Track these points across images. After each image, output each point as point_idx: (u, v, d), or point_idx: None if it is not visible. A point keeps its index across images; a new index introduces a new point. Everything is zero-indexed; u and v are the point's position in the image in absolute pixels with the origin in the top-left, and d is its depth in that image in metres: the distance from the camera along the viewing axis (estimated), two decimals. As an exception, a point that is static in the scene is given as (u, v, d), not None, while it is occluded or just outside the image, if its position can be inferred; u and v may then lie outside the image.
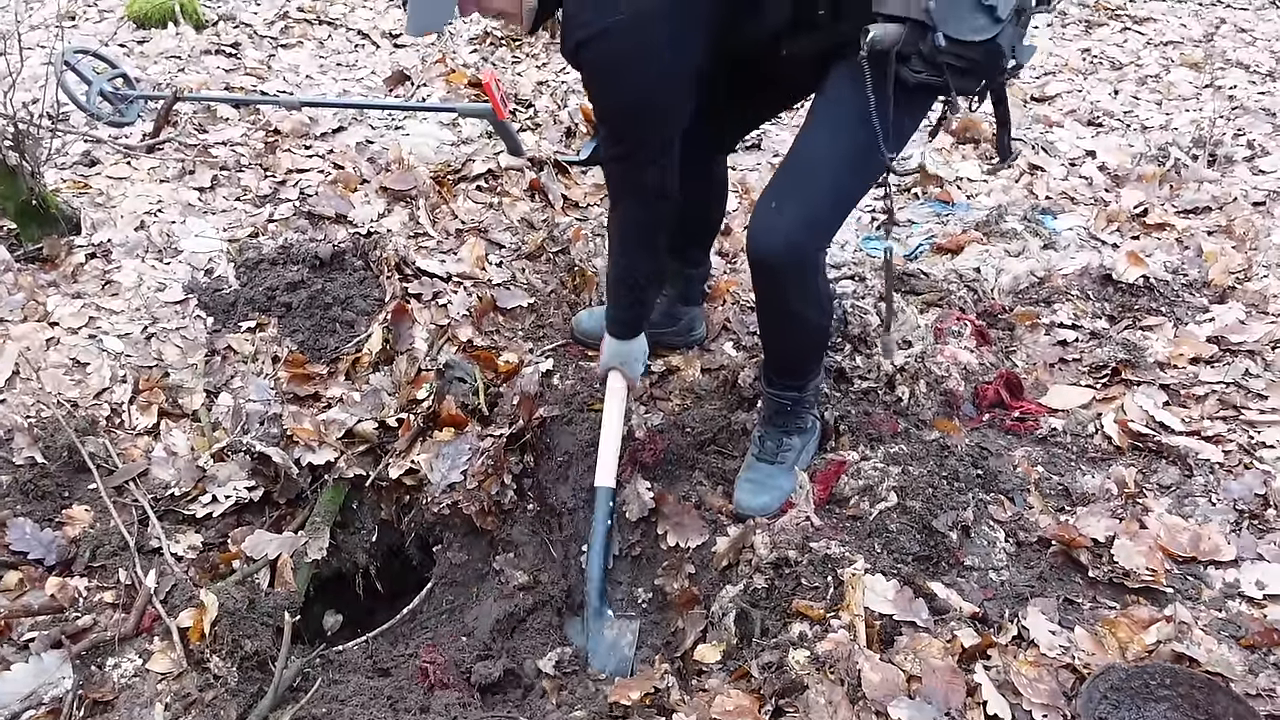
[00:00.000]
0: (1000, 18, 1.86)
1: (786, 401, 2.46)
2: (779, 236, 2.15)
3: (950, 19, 1.85)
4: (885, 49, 1.90)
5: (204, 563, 2.46)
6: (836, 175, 2.14)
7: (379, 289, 3.11)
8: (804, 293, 2.25)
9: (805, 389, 2.46)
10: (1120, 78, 5.07)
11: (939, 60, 1.89)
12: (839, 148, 2.11)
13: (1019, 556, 2.27)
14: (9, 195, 3.15)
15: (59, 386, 2.78)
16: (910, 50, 1.91)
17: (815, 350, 2.48)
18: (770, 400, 2.50)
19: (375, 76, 4.72)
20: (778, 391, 2.47)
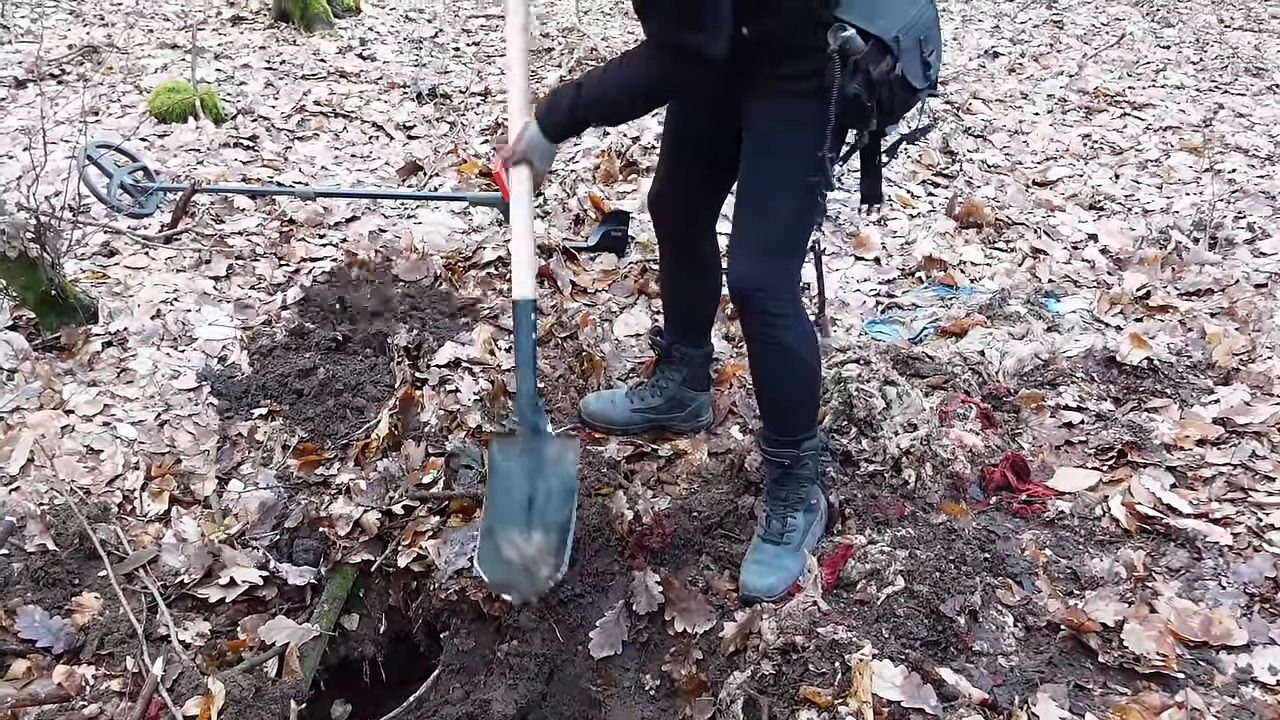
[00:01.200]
0: (930, 78, 2.13)
1: (784, 459, 2.47)
2: (746, 268, 2.29)
3: (906, 57, 2.07)
4: (848, 55, 2.04)
5: (211, 650, 2.46)
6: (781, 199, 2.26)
7: (389, 375, 3.16)
8: (782, 320, 2.32)
9: (801, 446, 2.47)
10: (1121, 162, 5.16)
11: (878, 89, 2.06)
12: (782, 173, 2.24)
13: (1028, 641, 2.25)
14: (29, 286, 3.22)
15: (72, 474, 2.81)
16: (864, 64, 2.05)
17: (805, 394, 2.49)
18: (769, 463, 2.52)
19: (389, 167, 4.84)
20: (774, 450, 2.48)
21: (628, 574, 2.59)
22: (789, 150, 2.22)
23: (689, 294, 2.85)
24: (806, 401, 2.50)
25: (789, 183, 2.23)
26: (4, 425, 2.97)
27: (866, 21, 2.03)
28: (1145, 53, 7.12)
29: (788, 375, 2.42)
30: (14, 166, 4.52)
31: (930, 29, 2.16)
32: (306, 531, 2.78)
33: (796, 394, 2.46)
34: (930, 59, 2.14)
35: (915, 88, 2.11)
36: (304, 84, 5.93)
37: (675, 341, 2.94)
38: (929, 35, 2.14)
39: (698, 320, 2.91)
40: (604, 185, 4.62)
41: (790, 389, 2.45)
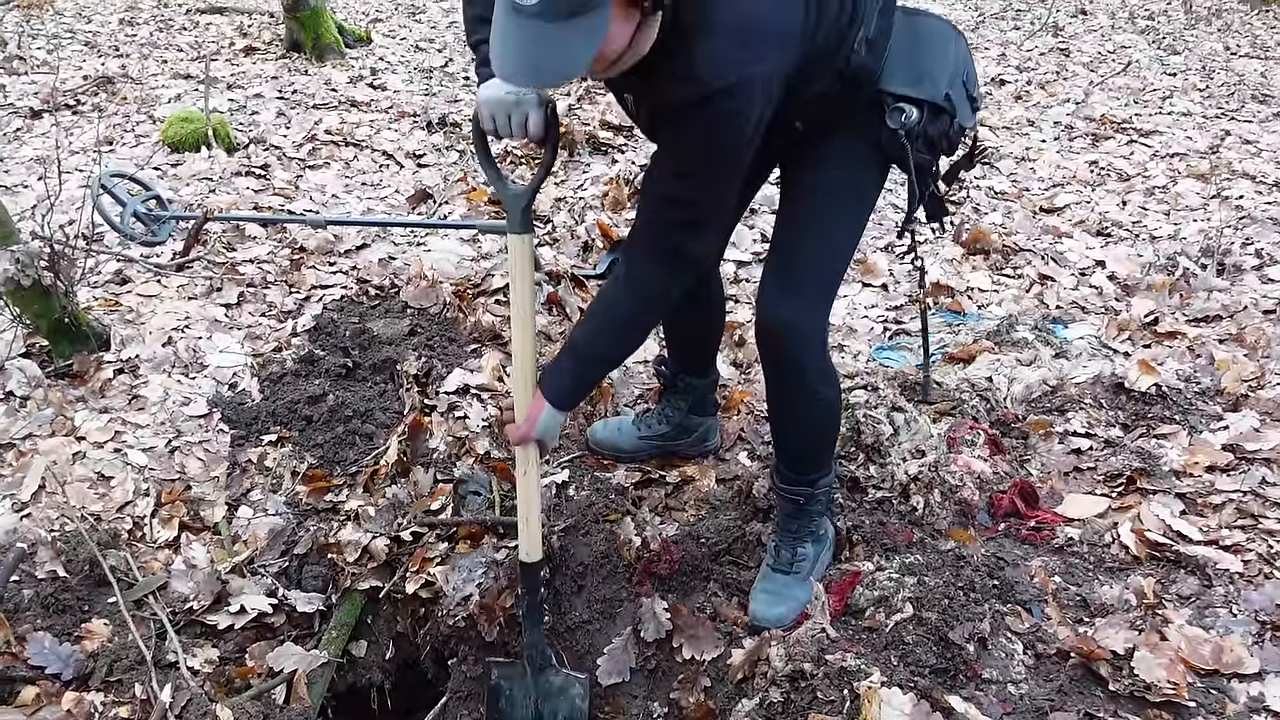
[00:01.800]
0: (978, 107, 2.15)
1: (799, 497, 2.47)
2: (788, 306, 2.22)
3: (960, 108, 2.09)
4: (910, 129, 2.06)
5: (220, 677, 2.46)
6: (833, 243, 2.25)
7: (398, 401, 3.17)
8: (814, 362, 2.30)
9: (816, 484, 2.47)
10: (1128, 189, 5.17)
11: (938, 143, 2.10)
12: (835, 218, 2.23)
13: (1038, 669, 2.24)
14: (43, 314, 3.25)
15: (83, 500, 2.82)
16: (923, 129, 2.08)
17: (825, 436, 2.48)
18: (782, 499, 2.51)
19: (399, 195, 4.88)
20: (789, 487, 2.47)
21: (636, 601, 2.59)
22: (849, 199, 2.22)
23: (695, 328, 2.84)
24: (826, 443, 2.49)
25: (844, 229, 2.24)
26: (16, 452, 2.98)
27: (913, 87, 2.06)
28: (1152, 80, 7.16)
29: (810, 417, 2.40)
30: (29, 196, 4.56)
31: (966, 63, 2.17)
32: (315, 558, 2.79)
33: (817, 436, 2.46)
34: (975, 93, 2.16)
35: (968, 128, 2.15)
36: (315, 113, 5.99)
37: (680, 372, 2.94)
38: (969, 70, 2.16)
39: (703, 351, 2.91)
40: (612, 213, 4.65)
41: (811, 431, 2.44)
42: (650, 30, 1.81)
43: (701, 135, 1.90)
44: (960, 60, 2.15)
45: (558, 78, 1.77)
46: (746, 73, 1.83)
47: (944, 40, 2.15)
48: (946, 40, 2.16)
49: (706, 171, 1.96)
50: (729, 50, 1.81)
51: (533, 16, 1.60)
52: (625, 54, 1.80)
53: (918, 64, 2.08)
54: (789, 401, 2.39)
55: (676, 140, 1.98)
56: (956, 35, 2.19)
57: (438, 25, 8.79)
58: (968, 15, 9.38)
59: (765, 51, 1.85)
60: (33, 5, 8.62)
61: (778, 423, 2.47)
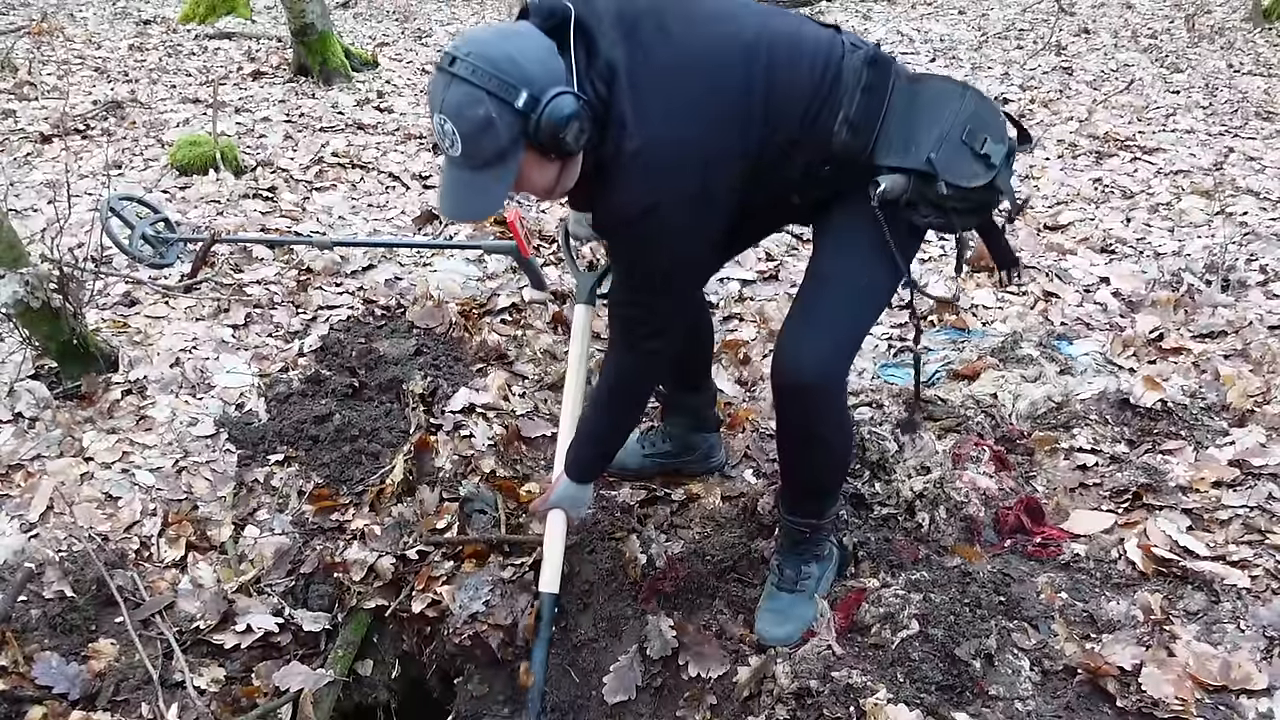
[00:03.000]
0: (994, 164, 2.02)
1: (805, 529, 2.47)
2: (809, 361, 2.20)
3: (951, 168, 2.01)
4: (894, 198, 2.05)
5: (226, 696, 2.46)
6: (857, 302, 2.23)
7: (404, 421, 3.18)
8: (830, 416, 2.28)
9: (824, 516, 2.47)
10: (1132, 206, 5.18)
11: (945, 205, 2.04)
12: (858, 277, 2.20)
13: (1045, 686, 2.24)
14: (52, 335, 3.27)
15: (91, 520, 2.84)
16: (916, 198, 2.05)
17: (836, 478, 2.48)
18: (789, 529, 2.50)
19: (405, 216, 4.91)
20: (797, 520, 2.47)
21: (641, 618, 2.59)
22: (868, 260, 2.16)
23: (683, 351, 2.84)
24: (835, 483, 2.49)
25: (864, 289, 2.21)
26: (25, 473, 3.00)
27: (902, 157, 2.03)
28: (1155, 98, 7.17)
29: (823, 464, 2.39)
30: (39, 219, 4.61)
31: (975, 118, 2.05)
32: (321, 577, 2.79)
33: (827, 479, 2.45)
34: (987, 148, 2.02)
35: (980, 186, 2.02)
36: (322, 136, 6.03)
37: (676, 391, 2.95)
38: (975, 127, 2.04)
39: (694, 367, 2.91)
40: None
41: (822, 475, 2.43)
42: (574, 166, 2.00)
43: (635, 253, 2.10)
44: (963, 118, 2.04)
45: (476, 214, 2.11)
46: (666, 197, 1.96)
47: (943, 101, 2.07)
48: (946, 101, 2.07)
49: (647, 284, 2.13)
50: (647, 177, 1.94)
51: (457, 165, 1.89)
52: (556, 187, 2.02)
53: (910, 132, 2.05)
54: (797, 448, 2.38)
55: (617, 256, 2.23)
56: (962, 92, 2.09)
57: (444, 48, 8.85)
58: (970, 35, 9.42)
59: (687, 173, 1.96)
60: (43, 32, 8.71)
61: (788, 466, 2.45)
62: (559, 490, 2.52)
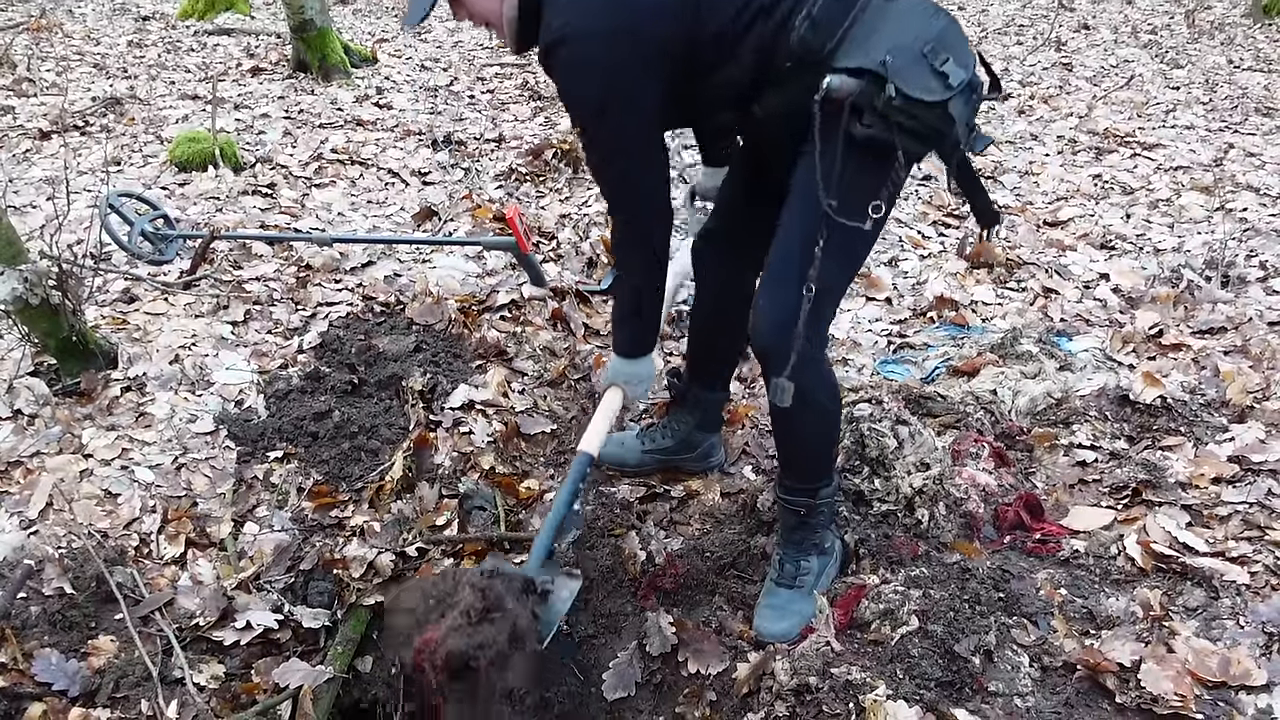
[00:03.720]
0: (951, 85, 1.99)
1: (799, 508, 2.47)
2: (765, 322, 2.23)
3: (904, 75, 1.97)
4: (840, 98, 2.00)
5: (226, 693, 2.46)
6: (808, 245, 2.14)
7: (404, 418, 3.18)
8: (803, 378, 2.21)
9: (817, 495, 2.46)
10: (1132, 202, 5.18)
11: (890, 117, 1.99)
12: (807, 226, 2.15)
13: (1044, 682, 2.24)
14: (51, 332, 3.27)
15: (90, 517, 2.83)
16: (864, 103, 2.01)
17: (824, 443, 2.47)
18: (784, 510, 2.51)
19: (404, 213, 4.90)
20: (790, 498, 2.48)
21: (640, 615, 2.59)
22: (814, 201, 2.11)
23: (720, 338, 2.85)
24: (825, 450, 2.49)
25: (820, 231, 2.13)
26: (24, 470, 2.99)
27: (857, 59, 1.99)
28: (1155, 94, 7.17)
29: (805, 425, 2.40)
30: (38, 216, 4.60)
31: (939, 39, 2.02)
32: (321, 574, 2.79)
33: (815, 442, 2.45)
34: (946, 66, 1.99)
35: (932, 101, 1.98)
36: (321, 132, 6.03)
37: (693, 384, 2.95)
38: (937, 44, 2.01)
39: (721, 365, 2.92)
40: (617, 229, 4.67)
41: (809, 437, 2.43)
42: None
43: (561, 85, 2.22)
44: (928, 34, 2.02)
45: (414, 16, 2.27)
46: (579, 26, 2.10)
47: (913, 16, 2.05)
48: (916, 16, 2.06)
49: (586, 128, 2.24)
50: (562, 10, 2.12)
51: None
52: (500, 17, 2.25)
53: (871, 37, 2.01)
54: (782, 416, 2.37)
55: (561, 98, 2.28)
56: (935, 12, 2.08)
57: (443, 45, 8.84)
58: (971, 31, 9.40)
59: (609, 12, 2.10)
60: (42, 28, 8.69)
61: (777, 431, 2.48)
62: (611, 367, 2.60)
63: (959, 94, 2.00)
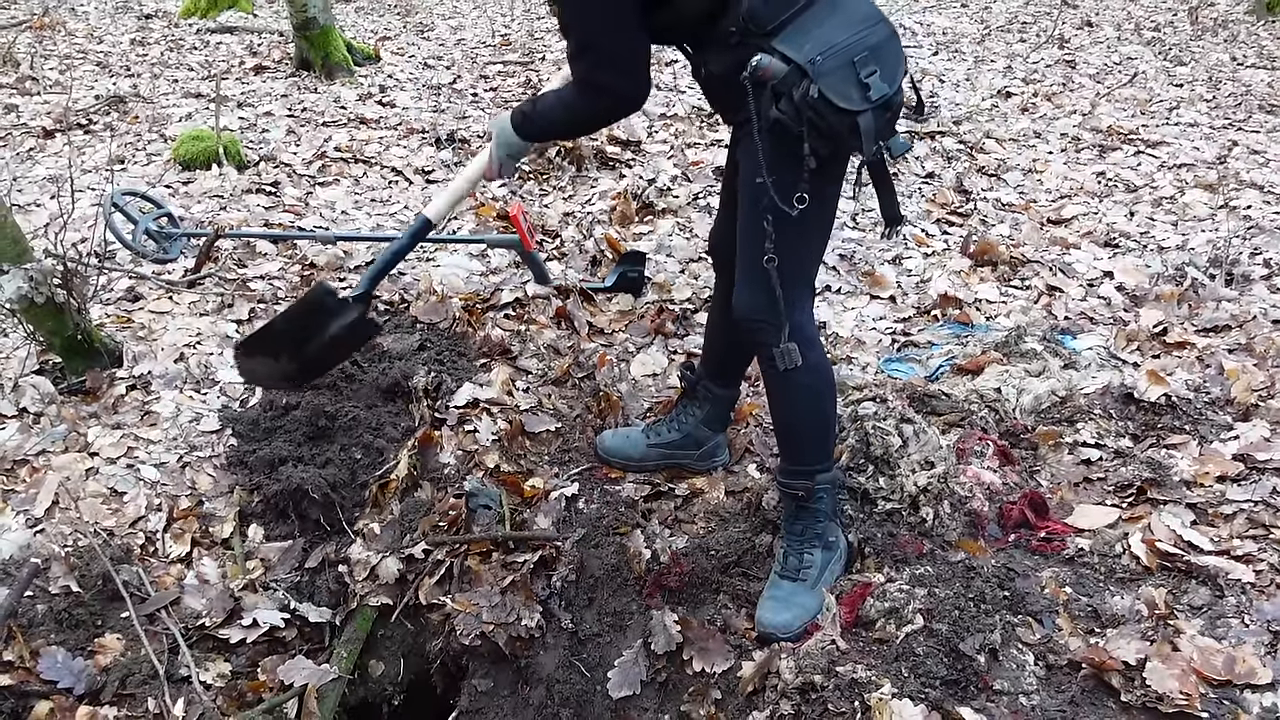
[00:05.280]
0: (870, 99, 2.07)
1: (798, 490, 2.48)
2: (738, 301, 2.37)
3: (828, 78, 2.05)
4: (762, 80, 2.07)
5: (232, 691, 2.47)
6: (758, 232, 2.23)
7: (408, 416, 3.18)
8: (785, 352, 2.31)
9: (815, 478, 2.48)
10: (1135, 200, 5.17)
11: (803, 111, 2.06)
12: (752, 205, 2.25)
13: (1049, 680, 2.24)
14: (56, 331, 3.28)
15: (96, 515, 2.84)
16: (783, 89, 2.07)
17: (817, 424, 2.50)
18: (784, 496, 2.53)
19: (408, 211, 4.90)
20: (789, 481, 2.50)
21: (645, 613, 2.60)
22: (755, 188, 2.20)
23: (732, 333, 2.86)
24: (819, 431, 2.50)
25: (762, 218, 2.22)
26: (30, 468, 3.01)
27: (793, 48, 2.05)
28: (1158, 91, 7.16)
29: (795, 403, 2.45)
30: (42, 214, 4.61)
31: (873, 51, 2.10)
32: (326, 573, 2.80)
33: (807, 422, 2.48)
34: (871, 79, 2.07)
35: (845, 109, 2.06)
36: (325, 130, 6.03)
37: (705, 378, 2.96)
38: (869, 55, 2.08)
39: (734, 361, 2.92)
40: (620, 227, 4.67)
41: (800, 417, 2.47)
42: None
43: None
44: (863, 44, 2.09)
45: None
46: None
47: (857, 20, 2.12)
48: (860, 20, 2.12)
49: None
50: None
51: None
52: None
53: (814, 33, 2.07)
54: (771, 390, 2.48)
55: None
56: (878, 21, 2.15)
57: (446, 43, 8.83)
58: (974, 28, 9.39)
59: None
60: (45, 26, 8.70)
61: (773, 413, 2.55)
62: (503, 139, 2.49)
63: (875, 109, 2.09)
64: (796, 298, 2.38)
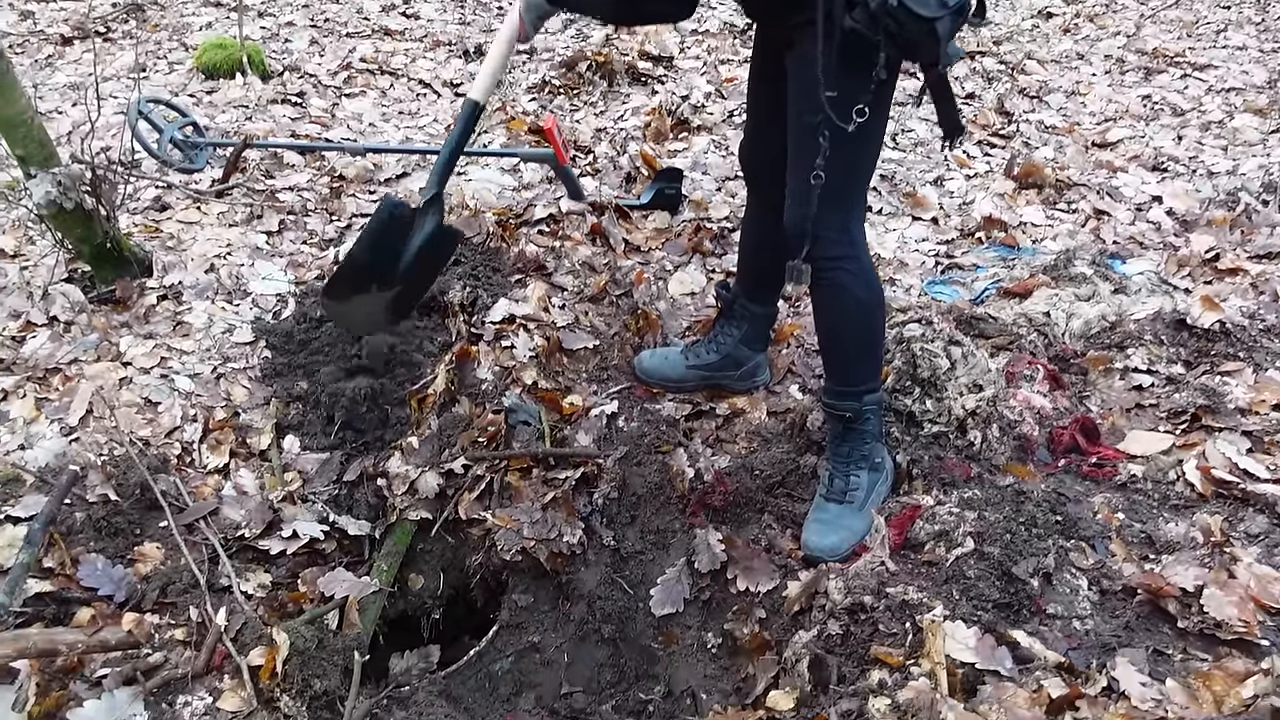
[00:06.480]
0: (948, 4, 1.99)
1: (845, 412, 2.43)
2: (790, 213, 2.29)
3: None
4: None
5: (272, 601, 2.45)
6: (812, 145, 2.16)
7: (445, 332, 3.13)
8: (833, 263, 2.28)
9: (863, 399, 2.43)
10: (1183, 124, 5.02)
11: (881, 20, 1.97)
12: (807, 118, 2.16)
13: (1103, 605, 2.20)
14: (85, 238, 3.21)
15: (131, 425, 2.81)
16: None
17: (865, 341, 2.45)
18: (831, 418, 2.49)
19: (437, 124, 4.80)
20: (835, 402, 2.45)
21: (689, 532, 2.57)
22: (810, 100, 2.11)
23: (768, 248, 2.79)
24: (867, 349, 2.45)
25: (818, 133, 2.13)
26: (62, 377, 2.97)
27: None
28: (1205, 13, 6.92)
29: (845, 319, 2.40)
30: (64, 122, 4.52)
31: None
32: (365, 487, 2.77)
33: (855, 339, 2.43)
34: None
35: (924, 16, 1.97)
36: (349, 41, 5.89)
37: (741, 296, 2.89)
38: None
39: (770, 277, 2.85)
40: (654, 144, 4.56)
41: (848, 334, 2.42)
42: None
43: None
44: None
45: None
46: None
47: None
48: None
49: None
50: None
51: None
52: None
53: None
54: (816, 303, 2.42)
55: None
56: None
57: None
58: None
59: None
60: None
61: (820, 333, 2.50)
62: None
63: (950, 14, 2.01)
64: (854, 213, 2.33)
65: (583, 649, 2.54)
